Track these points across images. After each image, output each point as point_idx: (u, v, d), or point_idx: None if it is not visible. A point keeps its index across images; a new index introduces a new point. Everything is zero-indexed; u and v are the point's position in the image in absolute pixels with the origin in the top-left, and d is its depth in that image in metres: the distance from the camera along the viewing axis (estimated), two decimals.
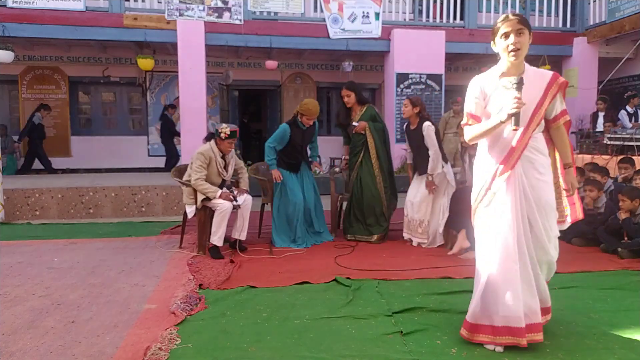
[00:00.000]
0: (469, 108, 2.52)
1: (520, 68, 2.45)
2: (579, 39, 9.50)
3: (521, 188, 2.42)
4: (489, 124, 2.41)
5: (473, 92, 2.51)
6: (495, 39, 2.45)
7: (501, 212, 2.41)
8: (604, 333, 2.68)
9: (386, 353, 2.44)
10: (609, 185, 5.25)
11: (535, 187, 2.43)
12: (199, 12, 8.15)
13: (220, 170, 4.46)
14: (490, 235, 2.45)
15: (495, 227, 2.43)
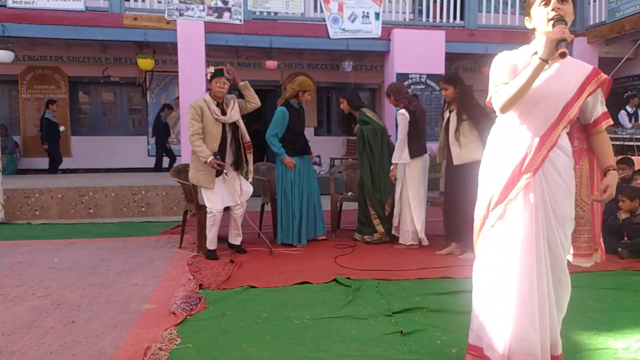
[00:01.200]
0: (495, 80, 2.03)
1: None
2: (579, 39, 9.49)
3: (541, 196, 1.99)
4: (527, 71, 1.89)
5: (503, 64, 2.04)
6: (531, 10, 2.02)
7: (516, 228, 1.99)
8: (604, 333, 2.68)
9: (386, 353, 2.44)
10: None
11: (556, 195, 2.00)
12: (199, 12, 8.14)
13: (216, 117, 4.18)
14: (499, 252, 2.03)
15: (509, 243, 2.01)
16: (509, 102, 1.95)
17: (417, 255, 4.44)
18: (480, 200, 2.12)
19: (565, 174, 2.02)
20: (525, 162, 1.99)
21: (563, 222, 2.02)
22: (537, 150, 1.98)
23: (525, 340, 1.98)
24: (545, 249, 1.99)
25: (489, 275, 2.07)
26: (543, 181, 2.00)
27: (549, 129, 1.98)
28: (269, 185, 5.10)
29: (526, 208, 1.99)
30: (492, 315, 2.05)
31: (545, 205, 2.00)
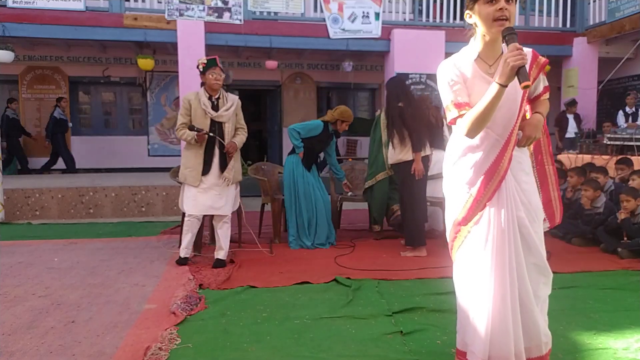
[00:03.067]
0: (451, 97, 1.96)
1: (498, 49, 1.96)
2: (579, 39, 9.49)
3: (514, 194, 2.00)
4: (487, 96, 1.83)
5: (450, 77, 1.96)
6: (474, 7, 1.90)
7: (493, 225, 1.99)
8: (604, 333, 2.68)
9: (386, 353, 2.44)
10: (609, 186, 5.25)
11: (525, 190, 2.02)
12: (199, 12, 8.14)
13: (206, 110, 3.99)
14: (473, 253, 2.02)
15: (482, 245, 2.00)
16: (476, 127, 1.91)
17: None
18: (452, 208, 2.08)
19: (528, 167, 2.06)
20: (499, 164, 1.95)
21: (536, 215, 2.04)
22: (503, 151, 1.95)
23: (503, 345, 1.96)
24: (519, 250, 1.99)
25: (467, 281, 2.06)
26: (513, 182, 2.00)
27: (512, 129, 1.95)
28: (269, 185, 5.10)
29: (500, 210, 1.98)
30: (471, 320, 2.03)
31: (517, 204, 1.99)
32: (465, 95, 1.96)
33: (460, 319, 2.13)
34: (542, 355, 2.06)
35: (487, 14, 1.86)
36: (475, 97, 1.93)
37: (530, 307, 2.01)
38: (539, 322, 2.03)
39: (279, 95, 11.48)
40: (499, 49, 1.97)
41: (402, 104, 4.43)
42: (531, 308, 2.01)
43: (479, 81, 1.95)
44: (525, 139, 1.98)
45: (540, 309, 2.06)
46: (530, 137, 1.97)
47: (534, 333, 2.02)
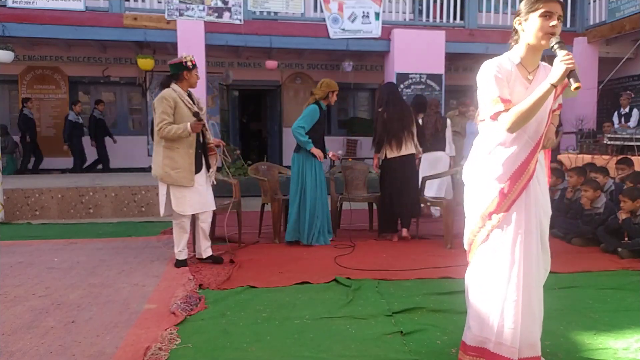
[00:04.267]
0: (496, 92, 2.02)
1: (537, 60, 2.11)
2: (579, 39, 9.49)
3: (537, 194, 2.10)
4: (536, 94, 1.94)
5: (497, 73, 2.04)
6: (528, 15, 2.03)
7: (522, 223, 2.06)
8: (604, 333, 2.68)
9: (386, 353, 2.44)
10: (610, 186, 5.25)
11: (544, 192, 2.16)
12: (199, 12, 8.15)
13: (189, 107, 3.89)
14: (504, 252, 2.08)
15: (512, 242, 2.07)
16: (520, 123, 1.99)
17: (417, 255, 4.44)
18: (477, 202, 2.14)
19: (544, 171, 2.20)
20: (528, 166, 2.05)
21: (548, 215, 2.18)
22: (533, 152, 2.06)
23: (531, 333, 2.09)
24: (539, 242, 2.11)
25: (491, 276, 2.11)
26: (537, 183, 2.11)
27: (543, 132, 2.07)
28: (269, 185, 5.10)
29: (527, 209, 2.07)
30: (498, 313, 2.09)
31: (537, 202, 2.11)
32: (508, 93, 2.05)
33: (476, 315, 2.17)
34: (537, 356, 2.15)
35: (541, 27, 2.00)
36: (514, 99, 2.03)
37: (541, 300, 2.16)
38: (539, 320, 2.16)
39: (279, 95, 11.48)
40: (538, 58, 2.12)
41: (381, 110, 5.05)
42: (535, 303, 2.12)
43: (519, 85, 2.07)
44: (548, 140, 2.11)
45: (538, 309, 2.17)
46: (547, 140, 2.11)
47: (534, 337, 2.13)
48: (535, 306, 2.10)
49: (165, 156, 3.85)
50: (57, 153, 10.41)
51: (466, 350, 2.21)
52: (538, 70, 2.10)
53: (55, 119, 10.52)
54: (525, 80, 2.08)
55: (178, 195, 3.93)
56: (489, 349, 2.12)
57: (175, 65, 3.95)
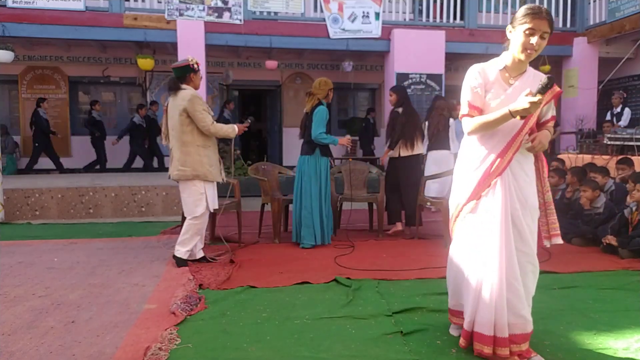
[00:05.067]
0: (470, 98, 2.32)
1: (523, 67, 2.32)
2: (579, 39, 9.49)
3: (510, 189, 2.31)
4: (496, 114, 2.21)
5: (473, 81, 2.32)
6: (516, 27, 2.23)
7: (490, 216, 2.30)
8: (604, 333, 2.68)
9: (386, 353, 2.44)
10: (610, 186, 5.24)
11: (523, 188, 2.33)
12: (199, 12, 8.15)
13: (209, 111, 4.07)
14: (472, 238, 2.35)
15: (480, 230, 2.32)
16: (477, 131, 2.33)
17: (417, 255, 4.44)
18: (456, 195, 2.45)
19: (530, 172, 2.38)
20: (494, 165, 2.31)
21: (531, 211, 2.34)
22: (503, 154, 2.30)
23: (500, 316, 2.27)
24: (510, 234, 2.28)
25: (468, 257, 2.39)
26: (511, 179, 2.31)
27: (513, 136, 2.29)
28: (269, 185, 5.10)
29: (496, 201, 2.30)
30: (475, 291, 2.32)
31: (513, 199, 2.30)
32: (480, 102, 2.33)
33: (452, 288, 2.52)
34: (526, 333, 2.33)
35: (523, 42, 2.21)
36: (489, 97, 2.31)
37: (517, 286, 2.30)
38: (524, 302, 2.31)
39: (279, 95, 11.48)
40: (524, 66, 2.32)
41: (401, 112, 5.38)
42: (517, 287, 2.30)
43: (497, 86, 2.31)
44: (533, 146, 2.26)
45: (526, 296, 2.33)
46: (537, 144, 2.25)
47: (518, 311, 2.30)
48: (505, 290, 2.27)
49: (203, 155, 3.99)
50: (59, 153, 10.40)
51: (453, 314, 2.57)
52: (523, 76, 2.31)
53: (55, 119, 10.51)
54: (506, 84, 2.31)
55: (211, 192, 4.08)
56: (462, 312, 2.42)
57: (181, 68, 4.01)
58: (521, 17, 2.20)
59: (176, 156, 3.99)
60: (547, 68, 9.55)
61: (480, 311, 2.30)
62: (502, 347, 2.28)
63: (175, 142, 3.99)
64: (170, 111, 4.01)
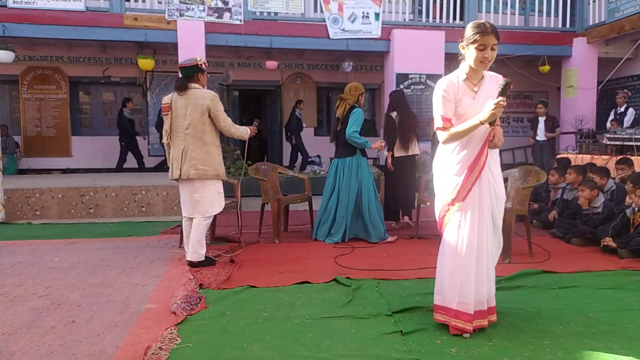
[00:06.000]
0: (441, 111, 2.59)
1: (480, 73, 2.62)
2: (578, 39, 9.49)
3: (489, 184, 2.63)
4: (468, 124, 2.51)
5: (445, 93, 2.58)
6: (469, 46, 2.51)
7: (477, 208, 2.60)
8: (603, 333, 2.69)
9: (386, 353, 2.44)
10: (611, 186, 5.25)
11: (497, 181, 2.68)
12: (199, 13, 8.15)
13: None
14: (463, 230, 2.62)
15: (469, 223, 2.60)
16: (452, 141, 2.61)
17: (417, 255, 4.44)
18: (442, 197, 2.69)
19: (498, 164, 2.73)
20: (477, 164, 2.60)
21: (501, 202, 2.73)
22: (482, 151, 2.60)
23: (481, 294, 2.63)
24: (490, 223, 2.67)
25: (458, 249, 2.63)
26: (489, 174, 2.65)
27: (486, 139, 2.60)
28: (269, 185, 5.11)
29: (482, 196, 2.61)
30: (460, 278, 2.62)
31: (490, 191, 2.65)
32: (452, 113, 2.60)
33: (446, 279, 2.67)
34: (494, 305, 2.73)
35: (477, 57, 2.50)
36: (461, 109, 2.59)
37: (492, 269, 2.72)
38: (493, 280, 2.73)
39: (279, 95, 11.48)
40: (480, 73, 2.62)
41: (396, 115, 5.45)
42: (492, 269, 2.71)
43: (466, 97, 2.59)
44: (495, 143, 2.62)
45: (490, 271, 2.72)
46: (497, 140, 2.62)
47: (492, 290, 2.73)
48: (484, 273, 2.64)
49: (221, 154, 4.08)
50: (60, 153, 10.43)
51: (436, 310, 2.73)
52: (483, 81, 2.61)
53: (55, 119, 10.53)
54: (472, 92, 2.59)
55: (221, 190, 4.12)
56: (452, 307, 2.63)
57: (190, 68, 3.97)
58: (471, 36, 2.48)
59: (195, 156, 3.91)
60: (546, 68, 9.56)
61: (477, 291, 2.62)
62: (492, 314, 2.71)
63: (194, 141, 3.92)
64: (180, 110, 3.93)
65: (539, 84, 10.37)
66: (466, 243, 2.60)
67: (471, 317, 2.60)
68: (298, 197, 5.46)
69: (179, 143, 3.96)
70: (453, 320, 2.62)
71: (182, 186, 4.08)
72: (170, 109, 3.97)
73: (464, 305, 2.60)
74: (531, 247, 4.42)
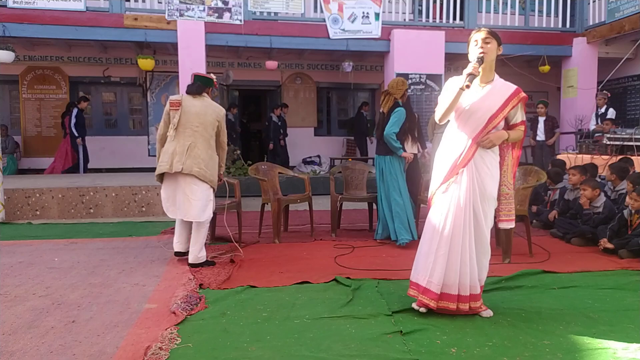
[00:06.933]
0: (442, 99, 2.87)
1: (490, 76, 2.85)
2: (578, 39, 9.50)
3: (473, 180, 2.81)
4: (450, 94, 2.79)
5: (448, 83, 2.88)
6: (469, 46, 2.85)
7: (455, 198, 2.82)
8: (603, 333, 2.69)
9: (386, 353, 2.44)
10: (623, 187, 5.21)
11: (484, 179, 2.83)
12: (199, 13, 8.15)
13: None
14: (439, 215, 2.86)
15: (446, 210, 2.83)
16: (440, 112, 2.87)
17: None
18: (434, 180, 2.94)
19: (492, 166, 2.86)
20: (460, 157, 2.82)
21: (488, 200, 2.86)
22: (469, 148, 2.81)
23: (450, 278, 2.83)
24: (471, 217, 2.82)
25: (433, 232, 2.88)
26: (474, 170, 2.82)
27: (478, 133, 2.80)
28: (269, 185, 5.11)
29: (460, 189, 2.81)
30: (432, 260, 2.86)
31: (474, 187, 2.82)
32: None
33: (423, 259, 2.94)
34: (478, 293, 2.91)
35: (473, 52, 2.81)
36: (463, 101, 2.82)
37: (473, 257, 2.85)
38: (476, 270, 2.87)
39: (279, 95, 11.48)
40: (490, 75, 2.86)
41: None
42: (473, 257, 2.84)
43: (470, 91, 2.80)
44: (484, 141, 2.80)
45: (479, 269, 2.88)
46: (486, 141, 2.79)
47: (475, 276, 2.86)
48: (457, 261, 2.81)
49: (217, 164, 4.16)
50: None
51: (410, 285, 3.00)
52: (492, 83, 2.84)
53: (55, 119, 10.52)
54: (478, 87, 2.83)
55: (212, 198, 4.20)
56: (421, 284, 2.89)
57: (208, 80, 4.17)
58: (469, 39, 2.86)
59: (201, 155, 3.94)
60: (546, 68, 9.56)
61: (447, 275, 2.83)
62: (464, 303, 2.85)
63: (203, 140, 3.98)
64: (193, 108, 3.97)
65: (539, 84, 10.37)
66: (440, 231, 2.84)
67: (437, 296, 2.83)
68: (298, 197, 5.45)
69: (185, 138, 3.93)
70: (421, 296, 2.88)
71: (175, 183, 3.97)
72: (180, 105, 3.97)
73: (431, 284, 2.84)
74: (531, 247, 4.42)
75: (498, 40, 2.81)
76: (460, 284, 2.83)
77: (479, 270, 2.89)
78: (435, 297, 2.84)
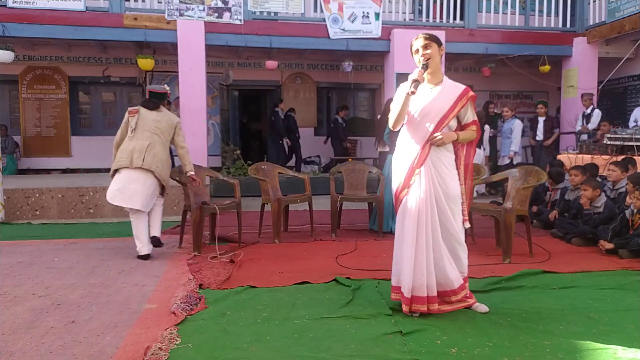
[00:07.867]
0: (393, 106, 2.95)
1: (438, 78, 2.94)
2: (578, 39, 9.49)
3: (433, 179, 2.85)
4: (399, 100, 2.88)
5: (398, 94, 2.93)
6: (414, 56, 2.95)
7: (415, 198, 2.85)
8: (604, 333, 2.68)
9: (386, 353, 2.44)
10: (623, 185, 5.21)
11: (445, 179, 2.87)
12: (199, 12, 8.15)
13: None
14: (403, 219, 2.90)
15: (409, 213, 2.85)
16: (394, 121, 2.94)
17: None
18: (394, 185, 2.99)
19: (449, 164, 2.93)
20: (416, 159, 2.88)
21: (452, 199, 2.89)
22: (423, 149, 2.88)
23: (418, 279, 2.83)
24: (435, 217, 2.85)
25: (399, 237, 2.94)
26: (433, 170, 2.86)
27: (433, 130, 2.86)
28: (269, 185, 5.10)
29: (420, 190, 2.84)
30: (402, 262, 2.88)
31: (436, 187, 2.85)
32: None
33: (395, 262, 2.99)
34: (454, 289, 2.91)
35: (418, 60, 2.92)
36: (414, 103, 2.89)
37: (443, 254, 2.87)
38: (448, 269, 2.88)
39: (279, 95, 11.47)
40: (439, 76, 2.96)
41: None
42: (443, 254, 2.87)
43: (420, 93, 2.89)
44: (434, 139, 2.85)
45: (456, 264, 2.92)
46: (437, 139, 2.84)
47: (445, 275, 2.88)
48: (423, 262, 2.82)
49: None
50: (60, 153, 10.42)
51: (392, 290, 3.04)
52: (442, 83, 2.93)
53: (55, 119, 10.52)
54: (427, 90, 2.92)
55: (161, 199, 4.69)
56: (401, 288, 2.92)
57: (162, 94, 4.70)
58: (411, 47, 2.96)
59: (159, 155, 4.40)
60: (546, 68, 9.55)
61: (415, 278, 2.82)
62: (433, 304, 2.85)
63: (161, 142, 4.47)
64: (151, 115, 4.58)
65: (539, 84, 10.36)
66: (405, 234, 2.86)
67: (408, 300, 2.84)
68: (298, 197, 5.45)
69: (144, 139, 4.39)
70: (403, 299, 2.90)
71: (135, 176, 4.32)
72: (138, 112, 4.55)
73: (403, 288, 2.88)
74: (531, 247, 4.42)
75: (438, 42, 2.90)
76: (429, 285, 2.84)
77: (457, 264, 2.92)
78: (407, 302, 2.85)
